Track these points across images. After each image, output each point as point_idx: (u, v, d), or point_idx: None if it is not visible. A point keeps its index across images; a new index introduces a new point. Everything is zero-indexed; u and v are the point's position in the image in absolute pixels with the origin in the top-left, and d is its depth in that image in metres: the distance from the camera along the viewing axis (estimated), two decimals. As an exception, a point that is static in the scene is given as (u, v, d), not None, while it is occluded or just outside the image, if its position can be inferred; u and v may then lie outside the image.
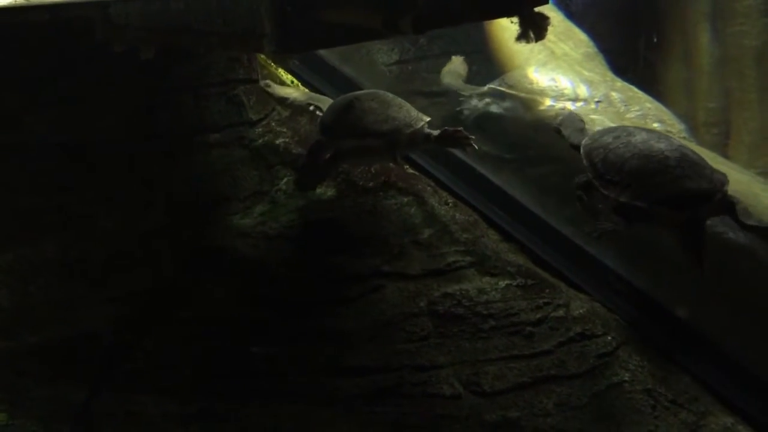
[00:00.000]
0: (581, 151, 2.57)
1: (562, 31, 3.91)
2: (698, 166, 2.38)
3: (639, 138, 2.46)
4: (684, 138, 3.56)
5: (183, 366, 2.72)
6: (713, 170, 2.40)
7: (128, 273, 2.83)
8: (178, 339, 2.77)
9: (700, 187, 2.32)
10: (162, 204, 2.94)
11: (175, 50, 2.67)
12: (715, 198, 2.33)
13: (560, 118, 2.86)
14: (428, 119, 2.89)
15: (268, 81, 3.26)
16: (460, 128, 2.88)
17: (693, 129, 4.00)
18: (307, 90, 3.38)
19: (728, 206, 2.37)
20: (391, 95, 2.94)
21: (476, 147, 2.84)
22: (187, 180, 3.02)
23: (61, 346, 2.76)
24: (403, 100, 2.94)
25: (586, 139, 2.60)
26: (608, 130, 2.62)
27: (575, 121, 2.79)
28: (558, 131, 2.83)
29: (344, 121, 2.84)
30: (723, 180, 2.37)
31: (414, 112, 2.89)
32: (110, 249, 2.82)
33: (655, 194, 2.32)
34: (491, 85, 3.61)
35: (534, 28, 2.44)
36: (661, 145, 2.40)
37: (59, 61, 2.80)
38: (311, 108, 3.14)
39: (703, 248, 2.37)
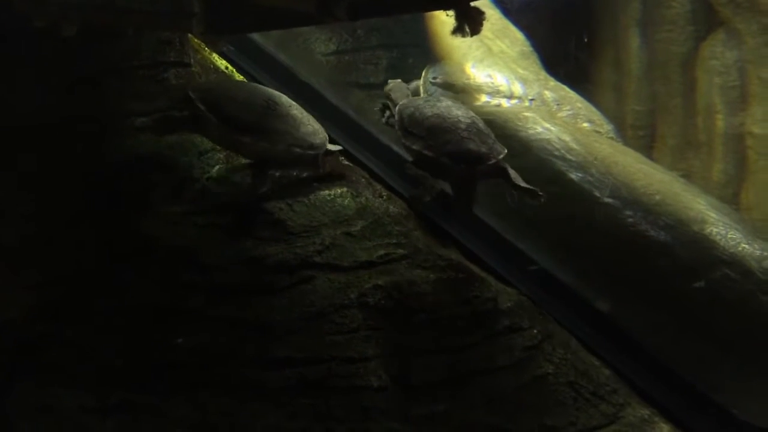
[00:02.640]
0: (396, 108, 2.98)
1: (499, 29, 3.96)
2: (483, 134, 2.85)
3: (443, 104, 2.90)
4: (612, 138, 3.67)
5: (103, 357, 2.62)
6: (495, 141, 2.87)
7: (46, 260, 2.71)
8: (99, 329, 2.66)
9: (479, 150, 2.79)
10: (84, 190, 2.82)
11: (101, 29, 2.56)
12: (489, 161, 2.80)
13: (390, 85, 3.20)
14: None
15: None
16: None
17: (621, 130, 4.13)
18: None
19: (501, 171, 2.85)
20: (285, 98, 2.96)
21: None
22: (112, 165, 2.91)
23: (-28, 336, 2.63)
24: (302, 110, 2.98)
25: (405, 100, 3.01)
26: (424, 98, 3.02)
27: (403, 89, 3.21)
28: (388, 96, 3.15)
29: (271, 136, 2.82)
30: (500, 150, 2.85)
31: (321, 131, 2.98)
32: (26, 235, 2.69)
33: (443, 148, 2.76)
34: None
35: (469, 23, 2.45)
36: (459, 112, 2.86)
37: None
38: None
39: (472, 199, 2.87)
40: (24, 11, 2.28)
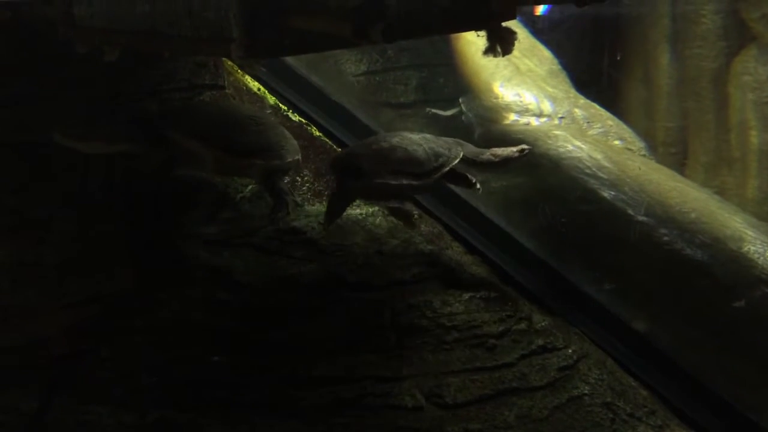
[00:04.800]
0: None
1: (527, 48, 3.97)
2: (394, 162, 2.73)
3: (410, 139, 2.81)
4: (644, 155, 3.64)
5: (140, 375, 2.65)
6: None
7: (84, 279, 2.75)
8: (136, 347, 2.70)
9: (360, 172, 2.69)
10: (121, 209, 2.88)
11: (140, 53, 2.63)
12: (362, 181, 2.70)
13: None
14: None
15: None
16: None
17: (652, 148, 4.09)
18: None
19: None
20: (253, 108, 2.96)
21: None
22: (148, 185, 2.96)
23: (13, 353, 2.67)
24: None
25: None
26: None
27: None
28: None
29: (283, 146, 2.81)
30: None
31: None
32: (66, 254, 2.74)
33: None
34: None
35: (501, 43, 2.46)
36: (394, 140, 2.78)
37: (19, 60, 2.72)
38: None
39: (337, 214, 2.80)
40: (68, 37, 2.35)
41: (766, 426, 2.83)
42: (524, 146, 2.96)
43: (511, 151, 2.96)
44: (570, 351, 2.87)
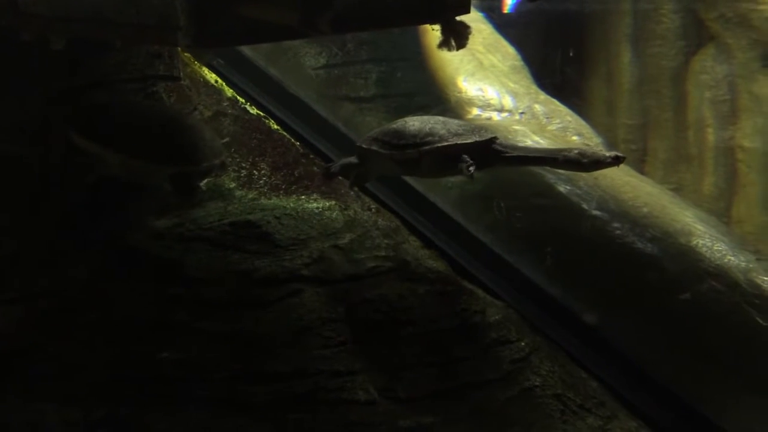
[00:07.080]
0: None
1: (491, 43, 3.98)
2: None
3: (425, 119, 2.81)
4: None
5: (88, 371, 2.60)
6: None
7: (31, 273, 2.69)
8: (84, 342, 2.64)
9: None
10: (71, 202, 2.82)
11: (89, 42, 2.57)
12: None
13: None
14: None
15: None
16: None
17: (613, 145, 4.14)
18: None
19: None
20: (166, 106, 2.86)
21: None
22: (99, 177, 2.90)
23: (-44, 350, 2.61)
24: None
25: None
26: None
27: None
28: None
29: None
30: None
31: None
32: (10, 248, 2.68)
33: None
34: None
35: (455, 36, 2.46)
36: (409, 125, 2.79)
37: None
38: None
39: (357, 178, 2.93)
40: (11, 24, 2.29)
41: (711, 416, 2.89)
42: (618, 154, 2.63)
43: (603, 155, 2.63)
44: (523, 344, 2.89)
